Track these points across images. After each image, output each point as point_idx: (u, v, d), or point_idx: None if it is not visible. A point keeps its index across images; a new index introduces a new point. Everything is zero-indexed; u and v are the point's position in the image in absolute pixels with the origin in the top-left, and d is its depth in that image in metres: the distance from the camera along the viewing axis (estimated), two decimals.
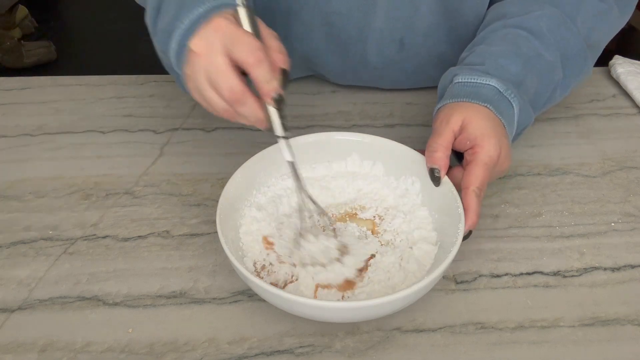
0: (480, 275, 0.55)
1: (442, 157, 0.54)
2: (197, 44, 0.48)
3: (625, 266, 0.56)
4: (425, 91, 0.80)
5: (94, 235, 0.58)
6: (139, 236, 0.58)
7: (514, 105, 0.58)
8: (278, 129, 0.50)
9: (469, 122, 0.55)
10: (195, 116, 0.75)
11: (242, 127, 0.73)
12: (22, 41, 2.29)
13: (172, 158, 0.69)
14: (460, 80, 0.59)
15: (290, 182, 0.59)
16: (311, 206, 0.54)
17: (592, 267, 0.56)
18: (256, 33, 0.48)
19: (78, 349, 0.48)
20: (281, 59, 0.49)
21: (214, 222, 0.59)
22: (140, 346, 0.48)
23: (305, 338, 0.49)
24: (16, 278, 0.54)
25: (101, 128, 0.73)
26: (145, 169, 0.67)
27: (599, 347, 0.49)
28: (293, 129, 0.73)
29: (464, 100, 0.57)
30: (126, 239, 0.58)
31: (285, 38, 0.75)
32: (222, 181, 0.65)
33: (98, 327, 0.50)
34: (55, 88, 0.81)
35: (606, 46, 0.70)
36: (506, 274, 0.55)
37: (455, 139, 0.56)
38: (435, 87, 0.80)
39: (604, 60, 0.85)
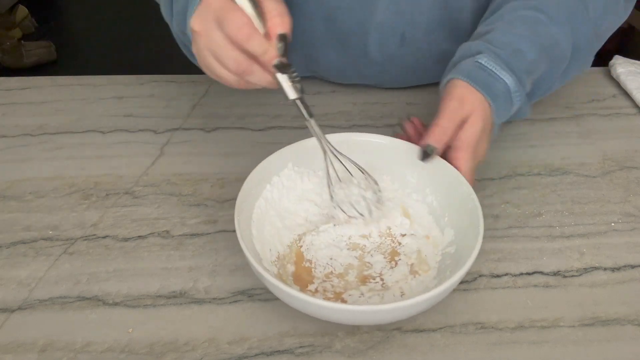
0: (480, 275, 0.55)
1: (443, 140, 0.55)
2: (195, 22, 0.49)
3: (625, 266, 0.56)
4: (425, 91, 0.80)
5: (94, 235, 0.58)
6: (139, 236, 0.58)
7: (514, 106, 0.60)
8: (290, 93, 0.50)
9: (471, 123, 0.56)
10: (195, 116, 0.75)
11: (242, 127, 0.73)
12: (22, 41, 2.30)
13: (172, 158, 0.69)
14: (482, 62, 0.59)
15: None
16: (335, 161, 0.54)
17: (592, 267, 0.56)
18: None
19: (78, 349, 0.48)
20: (279, 23, 0.48)
21: (214, 222, 0.60)
22: (140, 346, 0.48)
23: (305, 338, 0.49)
24: (16, 278, 0.54)
25: (101, 128, 0.73)
26: (145, 169, 0.67)
27: (599, 347, 0.49)
28: (293, 129, 0.73)
29: (477, 87, 0.57)
30: (126, 239, 0.58)
31: None
32: (222, 181, 0.65)
33: (98, 327, 0.50)
34: (55, 88, 0.81)
35: (606, 46, 0.70)
36: (506, 274, 0.55)
37: None
38: (436, 84, 0.80)
39: (604, 60, 0.85)
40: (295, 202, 0.58)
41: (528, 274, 0.55)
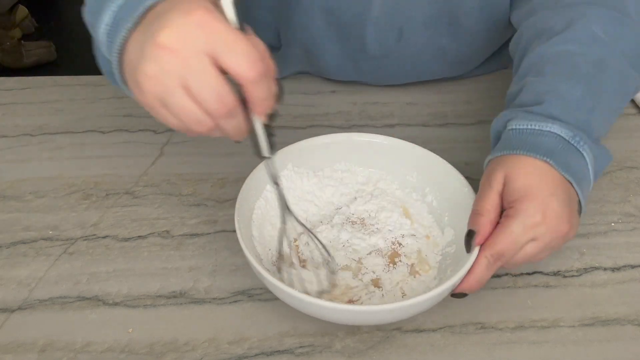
0: None
1: (485, 223, 0.48)
2: (170, 35, 0.37)
3: (625, 266, 0.56)
4: (425, 90, 0.80)
5: (94, 235, 0.58)
6: (139, 236, 0.58)
7: (585, 154, 0.50)
8: (264, 149, 0.43)
9: (510, 180, 0.49)
10: None
11: None
12: (22, 41, 2.29)
13: (172, 158, 0.69)
14: (515, 127, 0.51)
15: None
16: (298, 229, 0.51)
17: (592, 267, 0.56)
18: (241, 27, 0.39)
19: (78, 349, 0.48)
20: (273, 65, 0.40)
21: (214, 222, 0.60)
22: (140, 346, 0.48)
23: (305, 338, 0.49)
24: (16, 278, 0.54)
25: (101, 128, 0.73)
26: (145, 169, 0.67)
27: (599, 347, 0.49)
28: (293, 129, 0.73)
29: (520, 152, 0.49)
30: (126, 239, 0.58)
31: (287, 27, 0.75)
32: (222, 181, 0.65)
33: (98, 327, 0.50)
34: (55, 88, 0.81)
35: None
36: (506, 274, 0.55)
37: (502, 199, 0.49)
38: (435, 81, 0.80)
39: None
40: (295, 203, 0.58)
41: (528, 274, 0.55)
